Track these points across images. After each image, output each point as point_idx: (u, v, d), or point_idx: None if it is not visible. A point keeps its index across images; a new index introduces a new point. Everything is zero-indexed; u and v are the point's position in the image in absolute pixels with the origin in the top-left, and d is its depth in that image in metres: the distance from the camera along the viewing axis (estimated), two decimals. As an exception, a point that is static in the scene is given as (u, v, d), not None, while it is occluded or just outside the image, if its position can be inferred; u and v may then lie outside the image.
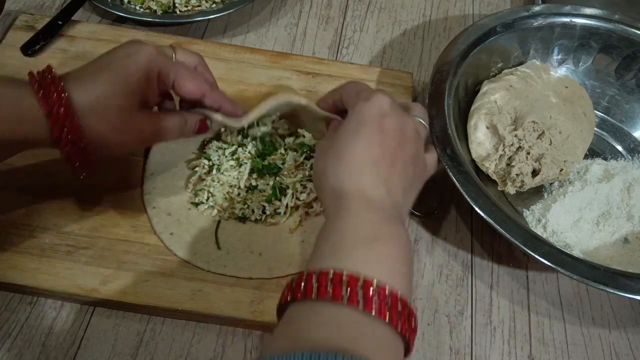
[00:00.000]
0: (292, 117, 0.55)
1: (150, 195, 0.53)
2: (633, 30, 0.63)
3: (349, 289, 0.33)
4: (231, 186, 0.53)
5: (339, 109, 0.49)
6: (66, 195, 0.52)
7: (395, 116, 0.44)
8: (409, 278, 0.38)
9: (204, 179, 0.53)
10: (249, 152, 0.54)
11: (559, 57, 0.65)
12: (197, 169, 0.54)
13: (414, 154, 0.44)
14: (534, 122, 0.56)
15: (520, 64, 0.64)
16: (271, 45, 0.69)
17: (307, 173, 0.54)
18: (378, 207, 0.40)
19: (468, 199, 0.49)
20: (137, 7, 0.68)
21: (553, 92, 0.61)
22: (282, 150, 0.55)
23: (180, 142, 0.55)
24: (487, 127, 0.57)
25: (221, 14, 0.67)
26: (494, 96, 0.59)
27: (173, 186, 0.53)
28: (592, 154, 0.62)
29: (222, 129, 0.55)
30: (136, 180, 0.54)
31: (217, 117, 0.49)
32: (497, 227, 0.48)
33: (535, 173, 0.56)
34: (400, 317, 0.34)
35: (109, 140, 0.44)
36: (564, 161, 0.56)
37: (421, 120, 0.48)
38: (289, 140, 0.55)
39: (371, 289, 0.34)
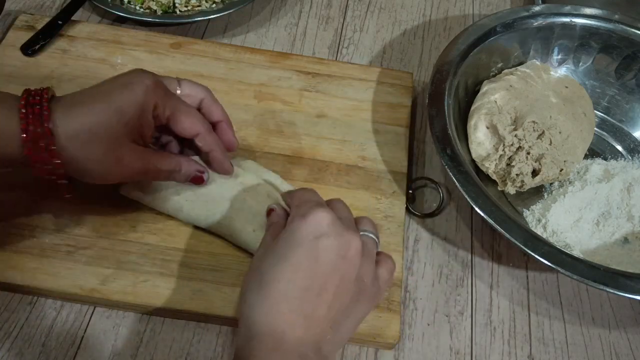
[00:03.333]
0: None
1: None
2: (633, 30, 0.63)
3: None
4: None
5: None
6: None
7: (334, 236, 0.39)
8: None
9: None
10: None
11: (559, 57, 0.65)
12: None
13: (356, 277, 0.40)
14: (534, 122, 0.56)
15: (520, 64, 0.64)
16: (271, 45, 0.69)
17: None
18: (290, 350, 0.37)
19: (468, 199, 0.49)
20: (137, 7, 0.68)
21: (553, 92, 0.61)
22: None
23: None
24: (487, 127, 0.57)
25: (221, 14, 0.67)
26: (494, 96, 0.59)
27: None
28: (592, 154, 0.62)
29: None
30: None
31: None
32: (497, 227, 0.48)
33: (535, 173, 0.56)
34: None
35: (90, 172, 0.42)
36: (564, 161, 0.56)
37: (371, 235, 0.44)
38: None
39: None
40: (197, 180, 0.48)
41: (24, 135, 0.39)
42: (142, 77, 0.43)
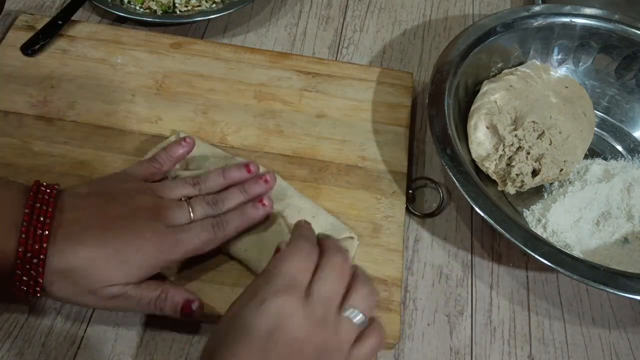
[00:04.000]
0: None
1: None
2: (633, 30, 0.63)
3: None
4: None
5: None
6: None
7: (294, 330, 0.35)
8: None
9: None
10: None
11: (559, 57, 0.65)
12: None
13: None
14: (534, 122, 0.56)
15: (520, 64, 0.64)
16: (271, 45, 0.69)
17: None
18: None
19: (468, 199, 0.49)
20: (137, 7, 0.68)
21: (553, 92, 0.61)
22: None
23: None
24: (487, 127, 0.57)
25: (221, 14, 0.67)
26: (494, 96, 0.59)
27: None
28: (592, 154, 0.62)
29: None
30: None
31: None
32: (497, 227, 0.48)
33: (535, 173, 0.56)
34: None
35: (66, 299, 0.43)
36: (564, 161, 0.56)
37: (356, 318, 0.37)
38: None
39: None
40: (187, 311, 0.44)
41: (20, 252, 0.39)
42: (151, 226, 0.43)
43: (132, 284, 0.43)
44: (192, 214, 0.46)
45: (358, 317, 0.38)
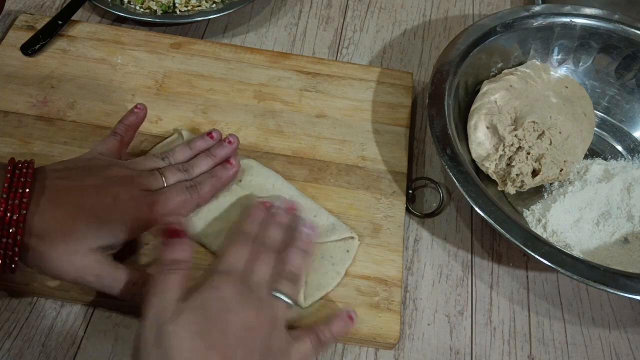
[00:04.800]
0: None
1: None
2: (633, 30, 0.63)
3: None
4: None
5: None
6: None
7: (237, 310, 0.39)
8: None
9: None
10: None
11: (559, 57, 0.65)
12: None
13: (263, 347, 0.39)
14: (534, 122, 0.56)
15: (520, 64, 0.64)
16: (271, 45, 0.69)
17: None
18: None
19: (468, 199, 0.49)
20: (137, 7, 0.68)
21: (553, 92, 0.61)
22: None
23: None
24: (487, 127, 0.57)
25: (221, 14, 0.67)
26: (494, 96, 0.59)
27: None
28: (592, 154, 0.62)
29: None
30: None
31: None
32: (497, 227, 0.48)
33: (535, 173, 0.56)
34: None
35: (42, 266, 0.42)
36: (564, 161, 0.56)
37: (283, 298, 0.42)
38: None
39: None
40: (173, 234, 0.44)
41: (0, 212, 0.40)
42: (127, 189, 0.44)
43: (110, 256, 0.44)
44: (165, 181, 0.48)
45: (284, 298, 0.42)
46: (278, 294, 0.42)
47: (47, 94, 0.59)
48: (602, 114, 0.65)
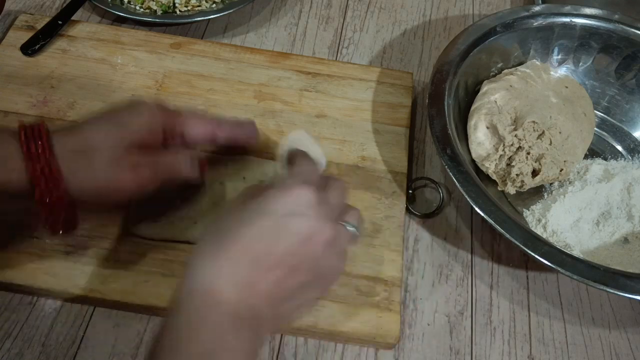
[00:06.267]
0: None
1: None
2: (633, 30, 0.63)
3: None
4: None
5: None
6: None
7: (306, 219, 0.38)
8: None
9: None
10: None
11: (559, 57, 0.65)
12: None
13: (314, 266, 0.38)
14: (534, 122, 0.56)
15: (520, 64, 0.64)
16: (271, 45, 0.69)
17: None
18: (224, 311, 0.35)
19: (468, 199, 0.49)
20: (137, 7, 0.68)
21: (553, 92, 0.61)
22: None
23: None
24: (487, 127, 0.57)
25: (221, 14, 0.67)
26: (494, 96, 0.59)
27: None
28: (592, 154, 0.62)
29: None
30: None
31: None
32: (497, 227, 0.48)
33: (535, 173, 0.56)
34: None
35: (94, 187, 0.42)
36: (564, 161, 0.56)
37: (350, 228, 0.41)
38: None
39: None
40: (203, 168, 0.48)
41: (26, 153, 0.40)
42: (144, 104, 0.45)
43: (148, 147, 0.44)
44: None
45: (352, 229, 0.41)
46: (346, 224, 0.41)
47: (47, 94, 0.59)
48: (602, 114, 0.65)
